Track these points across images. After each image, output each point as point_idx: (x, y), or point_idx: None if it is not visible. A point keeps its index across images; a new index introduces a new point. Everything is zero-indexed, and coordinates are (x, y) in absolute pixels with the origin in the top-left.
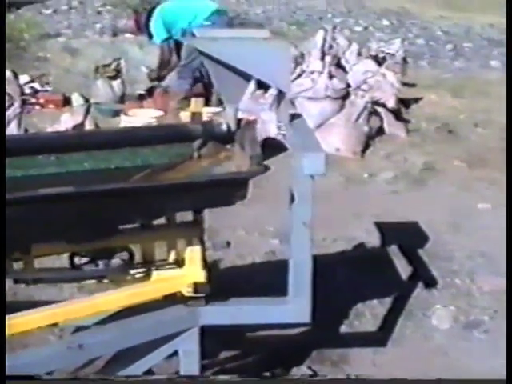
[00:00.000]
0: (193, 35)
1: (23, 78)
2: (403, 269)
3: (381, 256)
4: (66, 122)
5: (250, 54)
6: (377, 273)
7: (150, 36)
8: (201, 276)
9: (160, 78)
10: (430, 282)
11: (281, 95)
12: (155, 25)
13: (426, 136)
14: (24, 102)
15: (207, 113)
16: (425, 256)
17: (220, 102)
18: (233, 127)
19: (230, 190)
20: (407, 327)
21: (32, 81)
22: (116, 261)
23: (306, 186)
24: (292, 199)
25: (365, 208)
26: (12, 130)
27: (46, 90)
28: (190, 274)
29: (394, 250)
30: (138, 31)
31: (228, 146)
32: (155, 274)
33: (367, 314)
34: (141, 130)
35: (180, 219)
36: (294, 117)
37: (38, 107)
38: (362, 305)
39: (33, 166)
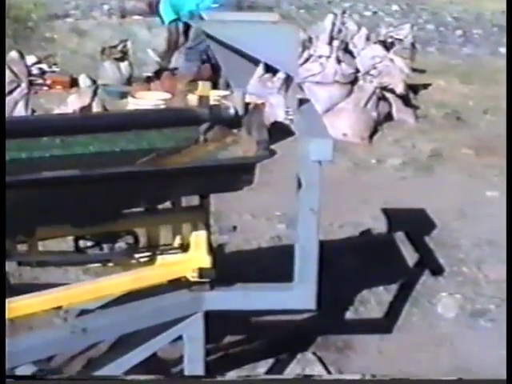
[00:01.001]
0: (201, 18)
1: (30, 59)
2: (410, 256)
3: (387, 243)
4: (73, 103)
5: (258, 38)
6: (383, 259)
7: (163, 21)
8: (206, 261)
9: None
10: (437, 270)
11: (289, 79)
12: (163, 6)
13: (434, 122)
14: (31, 83)
15: (214, 96)
16: (431, 243)
17: (228, 85)
18: (240, 111)
19: (236, 174)
20: (413, 314)
21: (39, 62)
22: (121, 245)
23: (313, 172)
24: (299, 185)
25: (372, 194)
26: (19, 110)
27: (54, 71)
28: (194, 258)
29: (400, 236)
30: (152, 14)
31: (235, 131)
32: (160, 258)
33: (373, 301)
34: (147, 112)
35: (185, 204)
36: (302, 102)
37: (45, 88)
38: (368, 291)
39: (37, 148)
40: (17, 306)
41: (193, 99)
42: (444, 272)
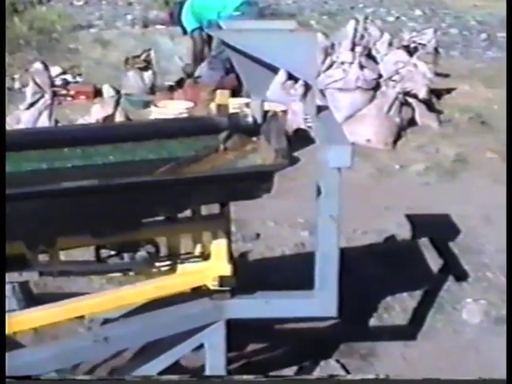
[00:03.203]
0: (219, 27)
1: (55, 70)
2: (434, 262)
3: (411, 249)
4: (96, 113)
5: (276, 46)
6: (407, 266)
7: (184, 30)
8: (226, 269)
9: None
10: (461, 276)
11: (308, 87)
12: (185, 15)
13: (458, 127)
14: (55, 94)
15: (234, 104)
16: (456, 249)
17: None
18: (259, 119)
19: (255, 182)
20: (437, 321)
21: (64, 72)
22: (141, 254)
23: (332, 179)
24: (319, 192)
25: (396, 200)
26: (43, 121)
27: (77, 82)
28: (215, 267)
29: (424, 242)
30: (173, 24)
31: (254, 139)
32: (180, 267)
33: (397, 308)
34: (166, 122)
35: (206, 212)
36: (321, 109)
37: (69, 98)
38: (392, 298)
39: (58, 158)
40: (40, 315)
41: (215, 108)
42: (469, 278)
